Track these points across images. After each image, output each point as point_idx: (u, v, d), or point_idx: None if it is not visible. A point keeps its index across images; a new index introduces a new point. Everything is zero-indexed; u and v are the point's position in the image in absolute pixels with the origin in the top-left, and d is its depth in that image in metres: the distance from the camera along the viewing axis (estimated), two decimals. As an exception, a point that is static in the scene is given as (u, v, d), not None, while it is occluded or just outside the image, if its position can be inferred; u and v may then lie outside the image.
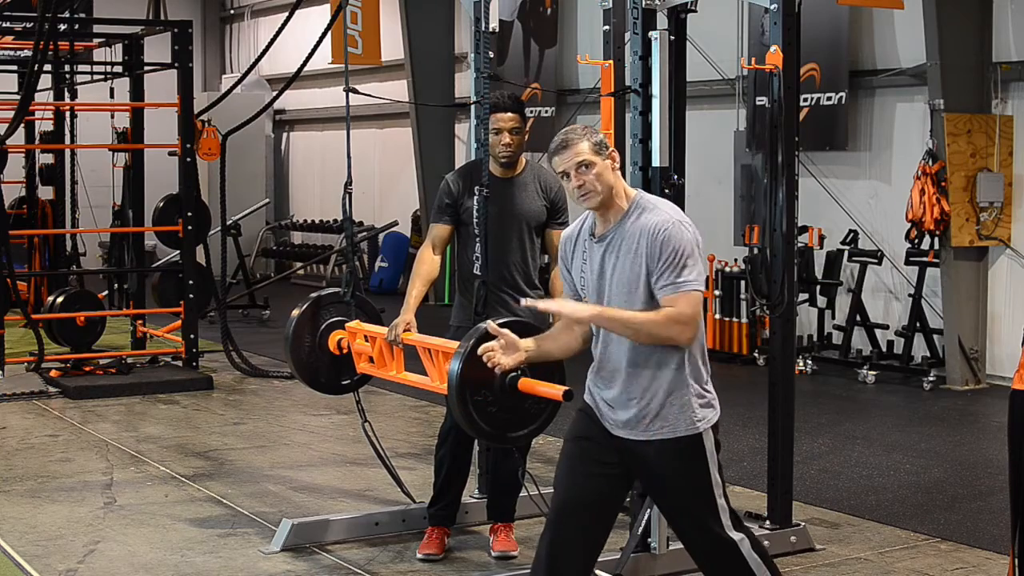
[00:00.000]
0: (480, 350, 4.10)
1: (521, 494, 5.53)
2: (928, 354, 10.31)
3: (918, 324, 10.30)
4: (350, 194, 5.86)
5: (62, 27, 10.93)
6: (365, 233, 16.85)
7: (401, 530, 6.02)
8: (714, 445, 3.97)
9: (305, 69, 9.87)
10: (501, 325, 4.50)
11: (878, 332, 10.66)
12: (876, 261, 10.63)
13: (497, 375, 4.33)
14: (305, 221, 19.10)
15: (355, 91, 5.95)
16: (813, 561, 5.71)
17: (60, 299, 10.56)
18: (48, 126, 12.51)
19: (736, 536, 3.99)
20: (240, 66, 20.86)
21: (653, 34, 5.44)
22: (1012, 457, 4.20)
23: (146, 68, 11.15)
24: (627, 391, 3.92)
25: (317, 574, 5.53)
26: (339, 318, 5.74)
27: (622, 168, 6.06)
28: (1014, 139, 10.03)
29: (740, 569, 3.99)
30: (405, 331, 5.29)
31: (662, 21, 5.61)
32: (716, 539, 3.97)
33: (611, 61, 5.95)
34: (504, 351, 4.06)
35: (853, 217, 10.94)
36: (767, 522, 5.75)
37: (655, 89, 5.42)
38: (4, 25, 12.51)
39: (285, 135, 20.61)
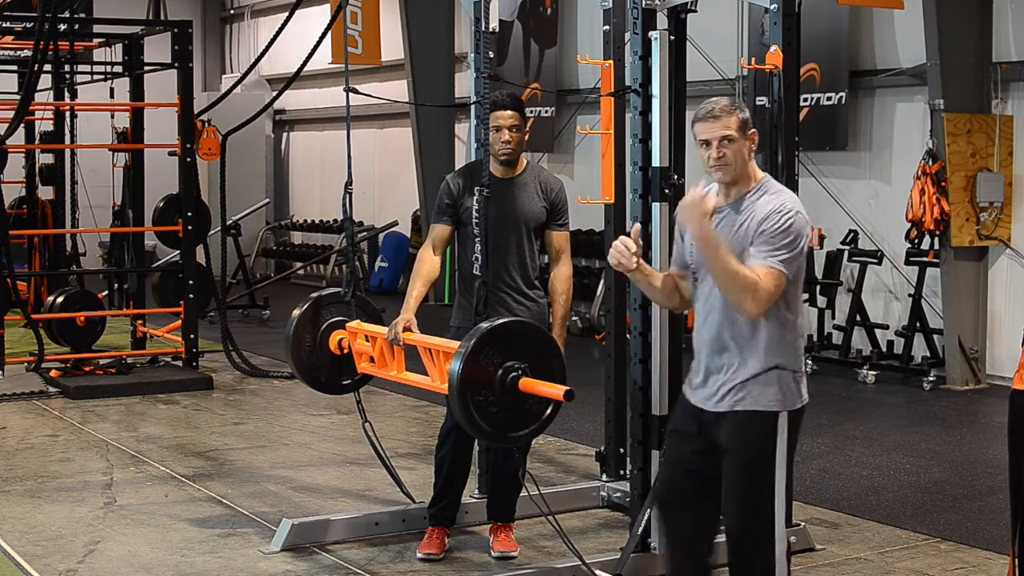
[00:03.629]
0: (620, 242, 3.98)
1: (521, 494, 5.53)
2: (928, 354, 10.31)
3: (918, 324, 10.30)
4: (350, 194, 5.85)
5: (62, 27, 10.93)
6: (365, 233, 16.85)
7: (401, 530, 6.02)
8: (791, 440, 3.97)
9: (305, 69, 9.87)
10: (500, 325, 4.49)
11: (878, 332, 10.66)
12: (876, 261, 10.62)
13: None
14: (305, 221, 19.11)
15: (355, 91, 5.95)
16: (813, 561, 5.72)
17: (60, 299, 10.55)
18: (48, 126, 12.51)
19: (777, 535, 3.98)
20: (240, 66, 20.87)
21: (653, 34, 5.44)
22: (1012, 457, 4.20)
23: (146, 68, 11.16)
24: (717, 361, 3.96)
25: (317, 574, 5.52)
26: (339, 318, 5.73)
27: (622, 167, 6.06)
28: (1014, 139, 10.03)
29: (766, 569, 3.96)
30: (405, 331, 5.28)
31: (662, 21, 5.61)
32: (757, 530, 3.94)
33: (611, 61, 5.95)
34: (629, 253, 3.98)
35: (853, 217, 10.94)
36: (767, 522, 5.74)
37: (655, 89, 5.42)
38: (4, 25, 12.51)
39: (285, 135, 20.61)
